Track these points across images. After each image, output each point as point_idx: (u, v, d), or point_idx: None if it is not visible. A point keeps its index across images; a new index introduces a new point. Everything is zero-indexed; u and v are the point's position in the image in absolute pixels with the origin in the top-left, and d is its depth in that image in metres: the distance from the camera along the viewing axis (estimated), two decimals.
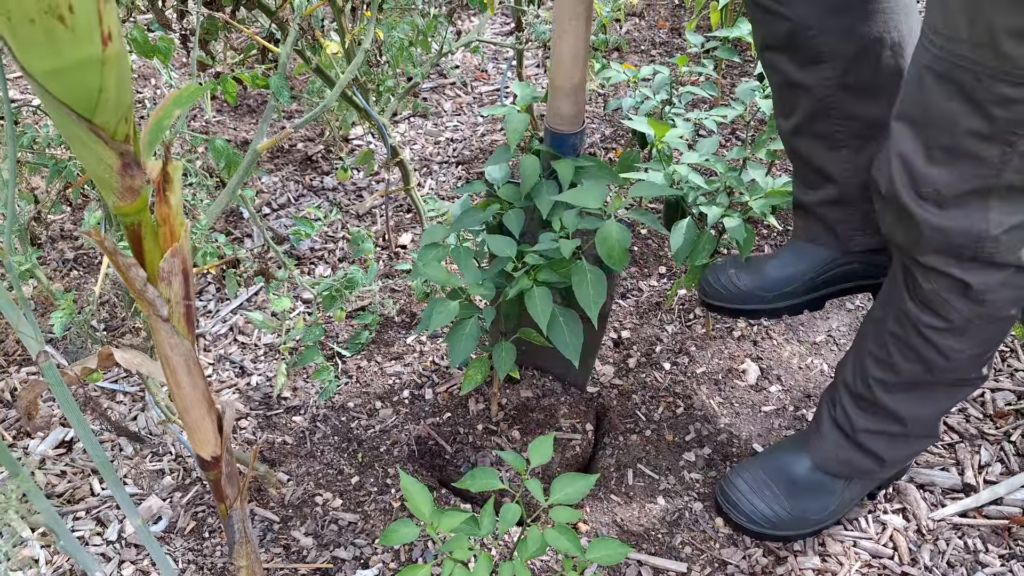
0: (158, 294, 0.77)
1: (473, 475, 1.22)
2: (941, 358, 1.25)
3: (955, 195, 1.08)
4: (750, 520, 1.45)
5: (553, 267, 1.38)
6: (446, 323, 1.36)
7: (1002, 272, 1.14)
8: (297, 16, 1.42)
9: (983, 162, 1.05)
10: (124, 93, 0.63)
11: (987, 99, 1.00)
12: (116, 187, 0.68)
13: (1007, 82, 0.97)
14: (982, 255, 1.12)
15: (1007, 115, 1.00)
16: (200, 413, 0.90)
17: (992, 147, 1.03)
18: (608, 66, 2.13)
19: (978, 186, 1.07)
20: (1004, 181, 1.06)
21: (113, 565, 1.44)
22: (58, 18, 0.54)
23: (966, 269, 1.15)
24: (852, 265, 1.54)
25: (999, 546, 1.46)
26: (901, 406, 1.34)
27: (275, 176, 2.41)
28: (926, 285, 1.20)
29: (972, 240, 1.11)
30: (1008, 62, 0.96)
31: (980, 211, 1.09)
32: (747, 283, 1.56)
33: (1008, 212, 1.09)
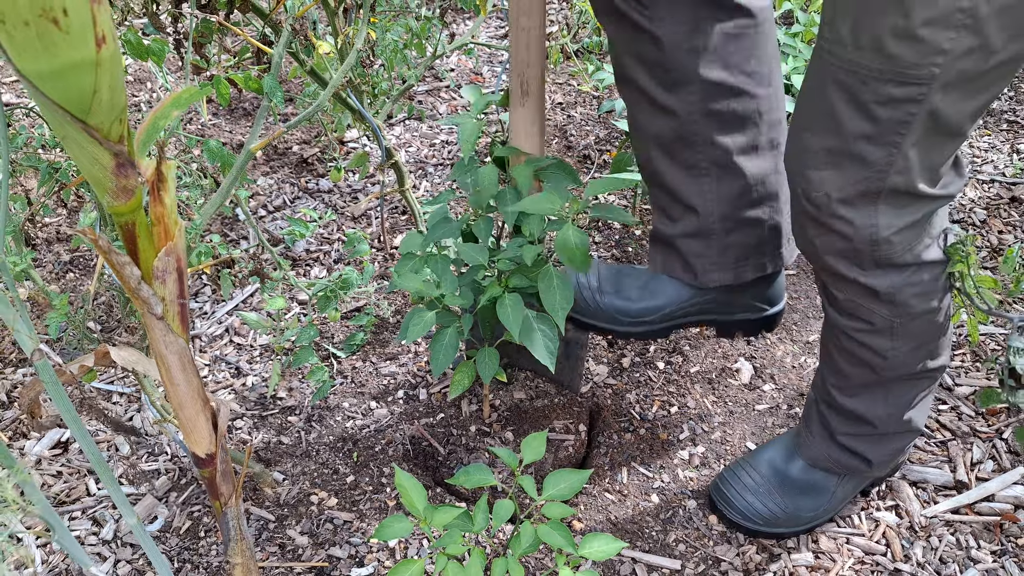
0: (152, 293, 0.78)
1: (467, 471, 1.23)
2: (878, 358, 1.28)
3: (845, 198, 1.11)
4: (745, 517, 1.46)
5: (524, 272, 1.39)
6: (423, 334, 1.37)
7: (904, 272, 1.18)
8: (290, 17, 1.43)
9: (869, 164, 1.07)
10: (118, 95, 0.64)
11: (872, 100, 1.02)
12: (110, 187, 0.69)
13: (893, 82, 1.00)
14: (880, 258, 1.15)
15: (892, 115, 1.02)
16: (195, 410, 0.91)
17: (877, 149, 1.06)
18: (601, 68, 2.14)
19: (866, 189, 1.09)
20: (890, 184, 1.08)
21: (109, 564, 1.45)
22: (52, 21, 0.55)
23: (869, 274, 1.18)
24: (706, 303, 1.54)
25: (991, 543, 1.47)
26: (861, 407, 1.37)
27: (271, 178, 2.41)
28: (839, 294, 1.24)
29: (866, 244, 1.14)
30: (894, 62, 0.98)
31: (870, 215, 1.11)
32: (607, 304, 1.55)
33: (895, 215, 1.12)
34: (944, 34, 0.94)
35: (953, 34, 0.94)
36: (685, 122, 1.35)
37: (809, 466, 1.46)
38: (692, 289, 1.52)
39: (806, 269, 2.07)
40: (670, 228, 1.47)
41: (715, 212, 1.42)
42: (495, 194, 1.43)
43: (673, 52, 1.29)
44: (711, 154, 1.37)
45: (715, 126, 1.35)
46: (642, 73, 1.34)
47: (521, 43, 1.39)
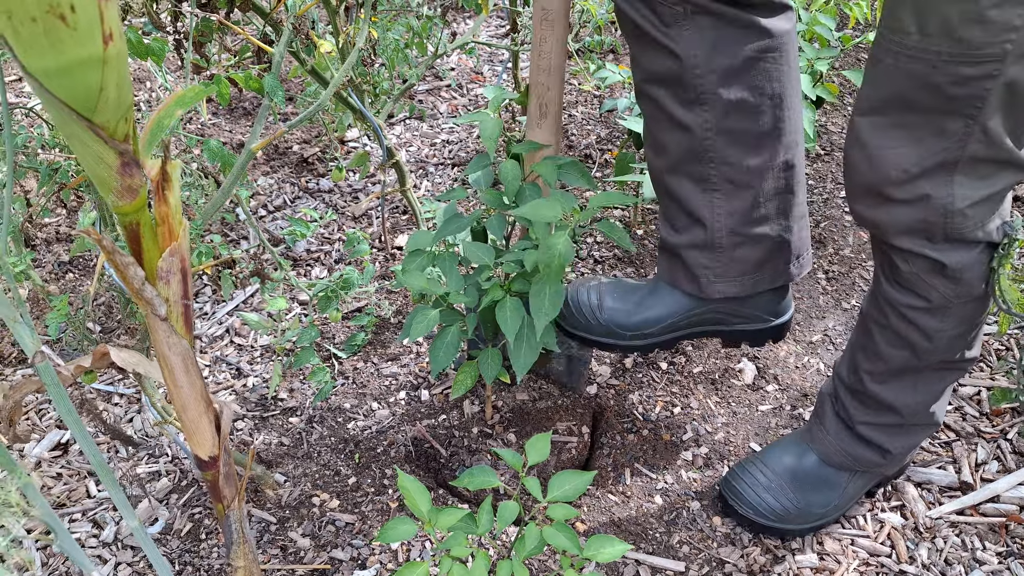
0: (156, 293, 0.77)
1: (471, 473, 1.22)
2: (924, 339, 1.27)
3: (922, 171, 1.12)
4: (756, 512, 1.45)
5: (526, 276, 1.38)
6: (426, 332, 1.36)
7: (974, 249, 1.18)
8: (291, 16, 1.42)
9: (947, 135, 1.08)
10: (124, 93, 0.63)
11: (944, 82, 1.04)
12: (115, 186, 0.68)
13: (965, 63, 1.01)
14: (952, 232, 1.16)
15: (966, 92, 1.04)
16: (198, 412, 0.90)
17: (955, 121, 1.07)
18: (603, 67, 2.14)
19: (944, 159, 1.10)
20: (968, 152, 1.09)
21: (109, 567, 1.44)
22: (59, 17, 0.54)
23: (940, 249, 1.18)
24: (708, 313, 1.54)
25: (996, 544, 1.47)
26: (892, 395, 1.37)
27: (271, 178, 2.40)
28: (904, 267, 1.23)
29: (940, 216, 1.14)
30: (964, 45, 1.00)
31: (945, 186, 1.12)
32: (607, 318, 1.55)
33: (973, 186, 1.12)
34: (1014, 11, 0.96)
35: (1023, 10, 0.96)
36: (700, 138, 1.36)
37: (822, 462, 1.46)
38: (694, 300, 1.52)
39: (810, 271, 2.06)
40: (676, 238, 1.47)
41: (723, 227, 1.42)
42: (517, 190, 1.43)
43: (692, 71, 1.30)
44: (723, 171, 1.38)
45: (730, 144, 1.36)
46: (660, 89, 1.35)
47: (542, 68, 1.42)
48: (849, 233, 2.16)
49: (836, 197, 2.28)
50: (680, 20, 1.27)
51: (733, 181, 1.39)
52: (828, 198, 2.27)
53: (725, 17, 1.28)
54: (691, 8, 1.26)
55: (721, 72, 1.30)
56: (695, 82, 1.31)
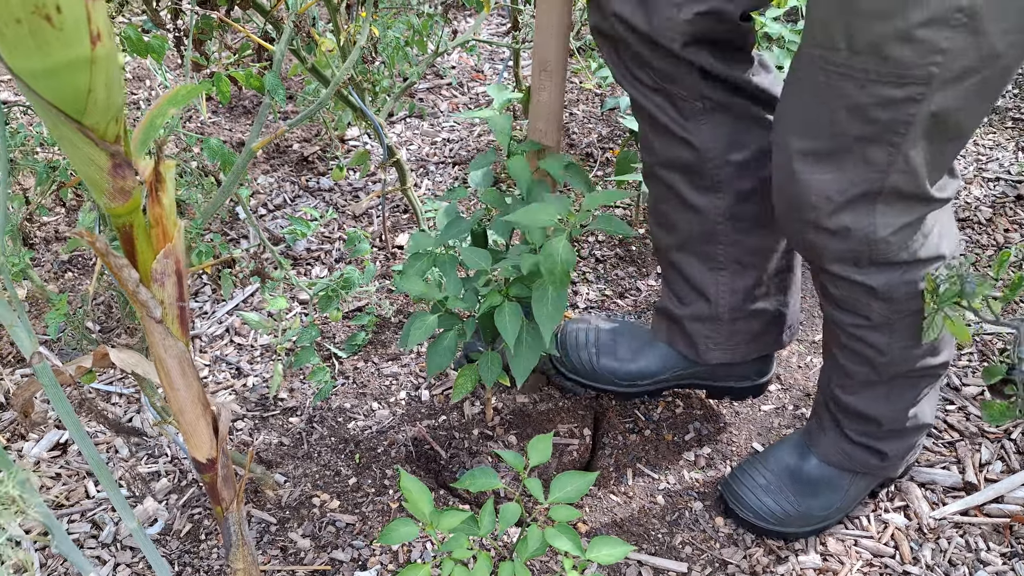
0: (151, 295, 0.76)
1: (472, 475, 1.22)
2: (878, 354, 1.28)
3: (845, 201, 1.11)
4: (757, 516, 1.45)
5: (525, 281, 1.37)
6: (425, 339, 1.35)
7: (899, 270, 1.18)
8: (292, 14, 1.41)
9: (871, 165, 1.08)
10: (114, 94, 0.62)
11: (870, 103, 1.02)
12: (107, 188, 0.67)
13: (891, 84, 1.00)
14: (877, 257, 1.16)
15: (892, 116, 1.02)
16: (195, 415, 0.89)
17: (878, 150, 1.06)
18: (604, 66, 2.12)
19: (867, 189, 1.10)
20: (890, 184, 1.09)
21: (108, 568, 1.44)
22: (45, 18, 0.53)
23: (866, 273, 1.18)
24: (700, 371, 1.61)
25: (1000, 544, 1.46)
26: (866, 406, 1.37)
27: (271, 177, 2.40)
28: (835, 291, 1.24)
29: (864, 244, 1.15)
30: (892, 64, 0.98)
31: (867, 215, 1.12)
32: (603, 367, 1.62)
33: (894, 215, 1.12)
34: (942, 33, 0.94)
35: (950, 33, 0.94)
36: (712, 221, 1.41)
37: (822, 463, 1.45)
38: (688, 361, 1.59)
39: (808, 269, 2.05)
40: (679, 310, 1.54)
41: (727, 303, 1.48)
42: (529, 186, 1.42)
43: (710, 162, 1.34)
44: (731, 252, 1.44)
45: (739, 228, 1.41)
46: (675, 174, 1.39)
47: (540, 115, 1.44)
48: None
49: None
50: (698, 115, 1.31)
51: (740, 262, 1.45)
52: None
53: (740, 113, 1.33)
54: (710, 104, 1.30)
55: (736, 165, 1.35)
56: (712, 172, 1.36)
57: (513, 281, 1.37)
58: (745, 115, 1.33)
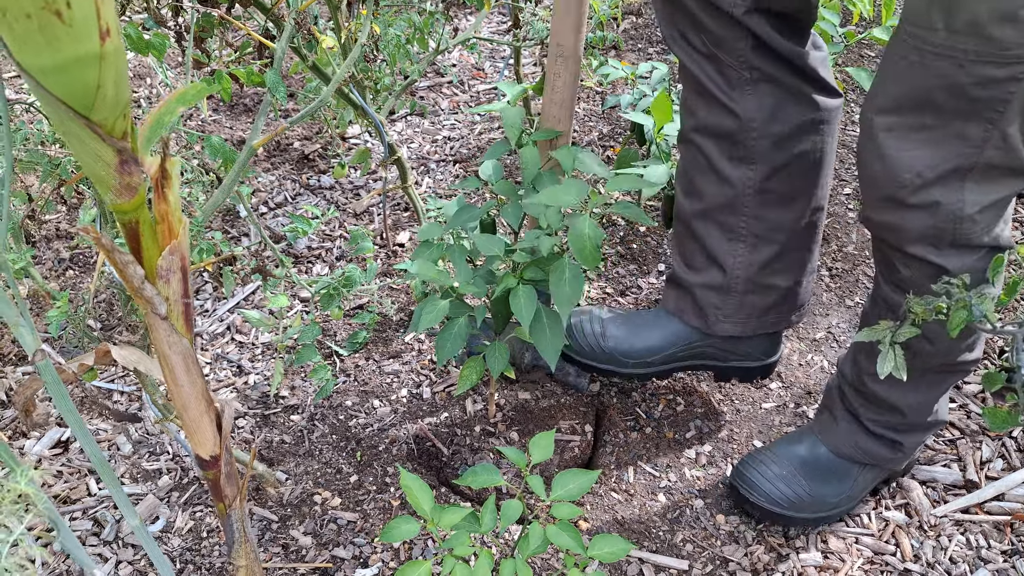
0: (156, 292, 0.76)
1: (474, 472, 1.22)
2: (925, 342, 1.27)
3: (936, 177, 1.11)
4: (770, 500, 1.44)
5: (539, 264, 1.37)
6: (436, 323, 1.35)
7: (977, 254, 1.17)
8: (293, 11, 1.41)
9: (965, 140, 1.07)
10: (122, 90, 0.62)
11: (968, 82, 1.02)
12: (113, 184, 0.67)
13: (993, 63, 0.99)
14: (960, 238, 1.15)
15: (989, 94, 1.02)
16: (199, 412, 0.89)
17: (974, 126, 1.06)
18: (606, 63, 2.12)
19: (959, 164, 1.09)
20: (984, 159, 1.08)
21: (110, 565, 1.44)
22: (55, 13, 0.53)
23: (944, 255, 1.17)
24: (707, 348, 1.62)
25: (1001, 542, 1.46)
26: (895, 396, 1.37)
27: (272, 175, 2.40)
28: (905, 272, 1.23)
29: (951, 222, 1.13)
30: (994, 44, 0.98)
31: (957, 192, 1.11)
32: (610, 346, 1.62)
33: (984, 192, 1.11)
34: None
35: None
36: (740, 193, 1.42)
37: (832, 455, 1.45)
38: (697, 333, 1.59)
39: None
40: (691, 277, 1.54)
41: (741, 275, 1.50)
42: (535, 176, 1.43)
43: (749, 133, 1.36)
44: (753, 225, 1.45)
45: (765, 202, 1.43)
46: (710, 141, 1.41)
47: (555, 102, 1.47)
48: (852, 230, 2.15)
49: (839, 194, 2.27)
50: (744, 84, 1.33)
51: (759, 235, 1.46)
52: (832, 195, 2.26)
53: (786, 87, 1.34)
54: (757, 75, 1.32)
55: (775, 137, 1.36)
56: (749, 143, 1.37)
57: (528, 265, 1.37)
58: (790, 89, 1.34)
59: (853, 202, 2.25)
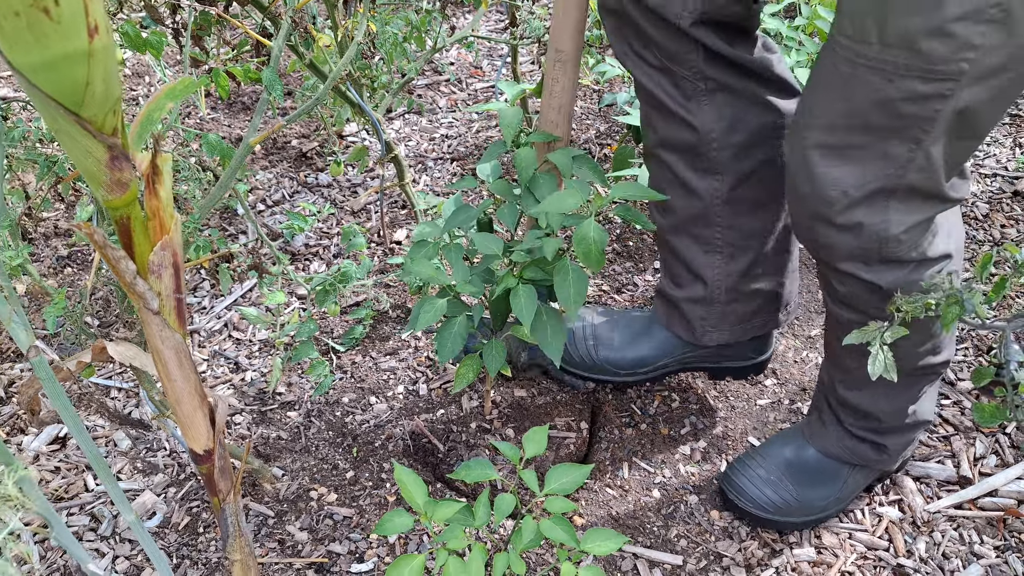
0: (148, 287, 0.77)
1: (468, 466, 1.22)
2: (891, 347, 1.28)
3: (861, 196, 1.11)
4: (757, 506, 1.45)
5: (539, 264, 1.38)
6: (433, 322, 1.36)
7: (906, 267, 1.18)
8: (289, 10, 1.42)
9: (890, 160, 1.07)
10: (112, 86, 0.62)
11: (898, 97, 1.02)
12: (104, 180, 0.68)
13: (921, 78, 0.99)
14: (887, 255, 1.16)
15: (918, 111, 1.02)
16: (192, 406, 0.90)
17: (899, 145, 1.05)
18: (603, 61, 2.13)
19: (884, 185, 1.09)
20: (906, 181, 1.08)
21: (107, 560, 1.44)
22: (43, 11, 0.54)
23: (874, 271, 1.18)
24: (698, 353, 1.64)
25: (994, 538, 1.47)
26: (866, 403, 1.38)
27: (269, 172, 2.40)
28: (841, 288, 1.25)
29: (875, 241, 1.14)
30: (923, 58, 0.98)
31: (881, 212, 1.12)
32: (602, 357, 1.65)
33: (907, 212, 1.12)
34: (976, 28, 0.94)
35: (985, 28, 0.94)
36: (709, 204, 1.43)
37: (821, 456, 1.46)
38: (685, 344, 1.62)
39: (808, 263, 2.06)
40: (676, 292, 1.56)
41: (722, 285, 1.51)
42: (531, 177, 1.43)
43: (709, 144, 1.36)
44: (727, 235, 1.45)
45: (736, 211, 1.43)
46: (673, 155, 1.41)
47: (553, 107, 1.47)
48: None
49: None
50: (700, 95, 1.33)
51: (735, 245, 1.46)
52: None
53: (743, 94, 1.34)
54: (713, 84, 1.31)
55: (736, 147, 1.36)
56: (711, 154, 1.37)
57: (527, 265, 1.38)
58: (747, 96, 1.34)
59: None
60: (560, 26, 1.38)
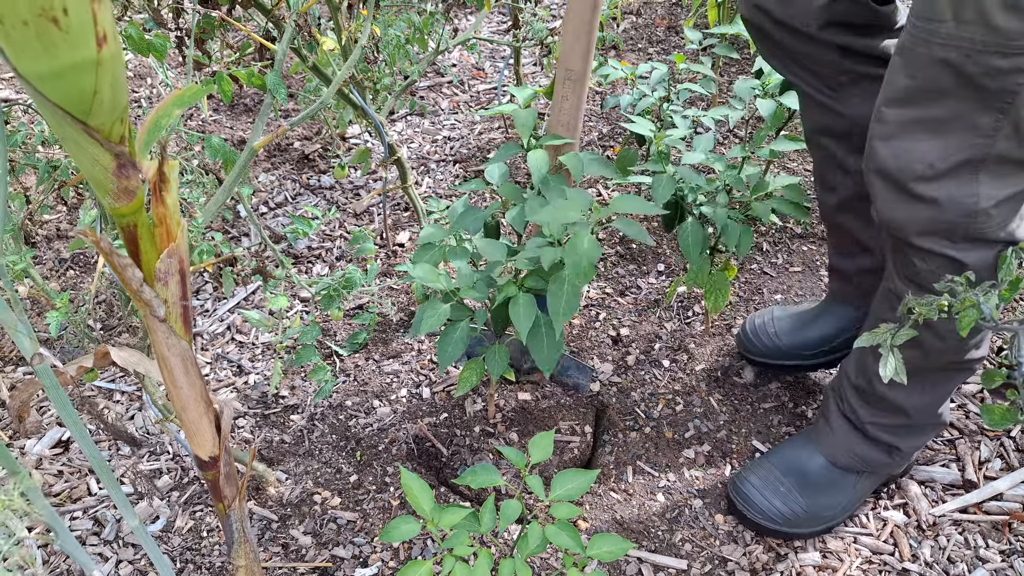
0: (155, 295, 0.77)
1: (473, 471, 1.22)
2: (936, 339, 1.26)
3: (948, 168, 1.10)
4: (766, 517, 1.45)
5: (540, 273, 1.38)
6: (437, 327, 1.35)
7: (994, 248, 1.17)
8: (293, 13, 1.42)
9: (977, 130, 1.07)
10: (119, 95, 0.62)
11: (977, 72, 1.02)
12: (111, 188, 0.67)
13: (999, 54, 0.99)
14: (974, 232, 1.14)
15: (997, 85, 1.02)
16: (198, 413, 0.90)
17: (985, 115, 1.05)
18: (605, 63, 2.13)
19: (971, 156, 1.09)
20: (996, 150, 1.08)
21: (111, 565, 1.44)
22: (52, 20, 0.53)
23: (960, 249, 1.17)
24: None
25: (999, 542, 1.46)
26: (901, 396, 1.36)
27: (272, 175, 2.40)
28: (921, 265, 1.22)
29: (964, 216, 1.13)
30: (999, 34, 0.98)
31: (970, 184, 1.11)
32: (787, 343, 1.71)
33: (998, 185, 1.11)
34: None
35: None
36: None
37: (830, 464, 1.46)
38: (865, 311, 1.62)
39: (811, 266, 2.05)
40: (848, 264, 1.62)
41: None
42: (543, 179, 1.44)
43: (861, 127, 1.36)
44: None
45: None
46: (830, 139, 1.48)
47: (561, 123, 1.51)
48: None
49: None
50: (845, 86, 1.40)
51: None
52: None
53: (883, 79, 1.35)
54: (853, 75, 1.38)
55: None
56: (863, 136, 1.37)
57: (529, 273, 1.38)
58: None
59: None
60: (571, 48, 1.43)
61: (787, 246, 2.09)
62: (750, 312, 1.92)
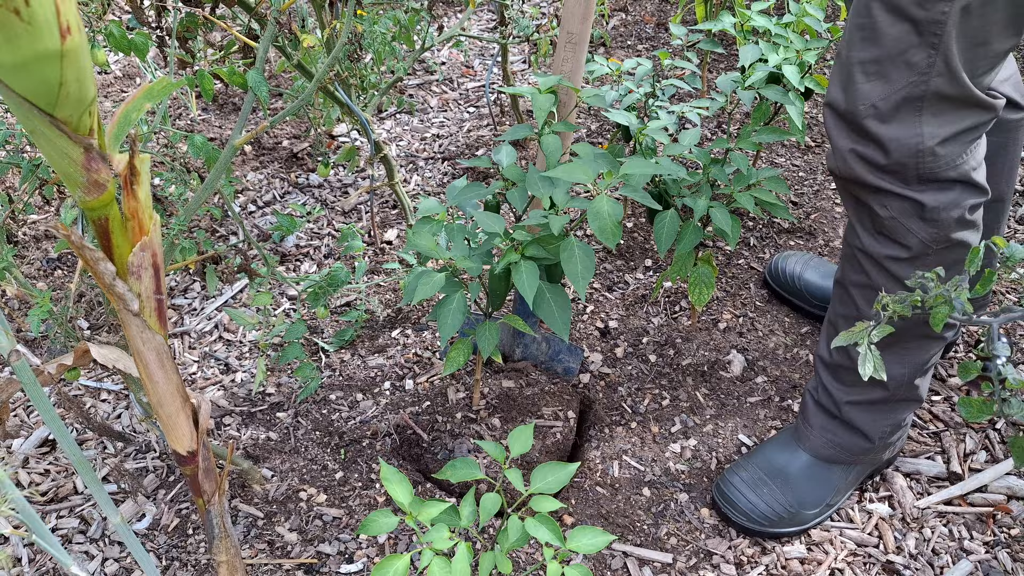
0: (128, 288, 0.77)
1: (453, 465, 1.22)
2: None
3: (891, 107, 1.16)
4: (749, 519, 1.46)
5: (541, 243, 1.38)
6: (430, 295, 1.35)
7: (950, 191, 1.20)
8: (273, 11, 1.42)
9: (912, 67, 1.12)
10: (86, 87, 0.62)
11: (909, 2, 1.08)
12: (81, 181, 0.67)
13: None
14: (925, 172, 1.19)
15: (927, 15, 1.08)
16: (175, 407, 0.90)
17: (918, 52, 1.11)
18: (592, 59, 2.13)
19: (909, 94, 1.14)
20: (933, 88, 1.13)
21: (96, 563, 1.44)
22: (13, 11, 0.53)
23: (916, 189, 1.21)
24: None
25: (984, 533, 1.47)
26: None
27: (260, 173, 2.40)
28: (882, 212, 1.25)
29: (911, 155, 1.17)
30: None
31: (914, 124, 1.16)
32: (803, 283, 1.86)
33: (939, 123, 1.16)
34: None
35: None
36: None
37: (812, 459, 1.46)
38: None
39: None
40: None
41: None
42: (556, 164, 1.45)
43: None
44: None
45: None
46: None
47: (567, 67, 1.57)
48: (839, 224, 2.16)
49: (826, 189, 2.28)
50: None
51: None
52: (819, 190, 2.27)
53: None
54: None
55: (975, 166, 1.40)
56: None
57: (529, 242, 1.38)
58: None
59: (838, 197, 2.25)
60: (571, 12, 1.51)
61: (774, 240, 2.10)
62: (737, 307, 1.92)
